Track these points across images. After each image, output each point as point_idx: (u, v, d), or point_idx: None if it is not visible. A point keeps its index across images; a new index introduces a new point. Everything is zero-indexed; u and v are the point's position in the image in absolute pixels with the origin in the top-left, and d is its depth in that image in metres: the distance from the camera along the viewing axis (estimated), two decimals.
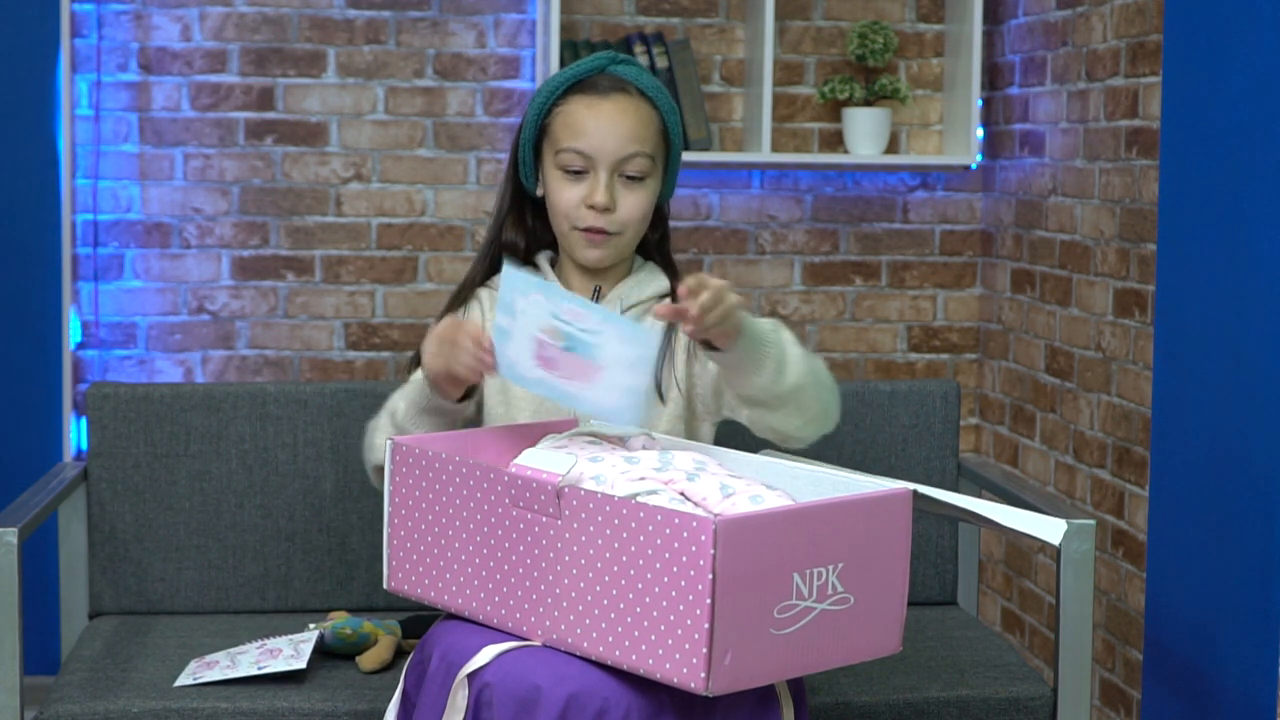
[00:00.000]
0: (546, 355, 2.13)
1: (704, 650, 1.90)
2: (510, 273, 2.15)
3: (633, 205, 2.42)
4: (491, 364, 2.20)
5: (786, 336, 2.27)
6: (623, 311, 2.47)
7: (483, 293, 2.52)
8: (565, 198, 2.42)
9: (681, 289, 2.11)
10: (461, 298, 2.52)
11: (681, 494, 2.13)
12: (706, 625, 1.90)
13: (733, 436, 2.89)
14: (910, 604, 3.06)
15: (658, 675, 1.95)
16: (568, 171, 2.42)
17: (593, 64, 2.45)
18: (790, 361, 2.25)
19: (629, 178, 2.42)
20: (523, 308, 2.12)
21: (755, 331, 2.20)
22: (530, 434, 2.34)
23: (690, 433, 2.49)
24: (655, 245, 2.54)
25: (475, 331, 2.21)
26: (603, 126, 2.40)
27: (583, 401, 2.14)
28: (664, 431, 2.46)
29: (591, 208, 2.40)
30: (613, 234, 2.43)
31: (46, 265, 3.83)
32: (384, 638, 2.71)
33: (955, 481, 3.06)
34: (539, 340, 2.12)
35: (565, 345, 2.11)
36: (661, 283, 2.52)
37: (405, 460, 2.21)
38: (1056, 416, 3.76)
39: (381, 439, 2.39)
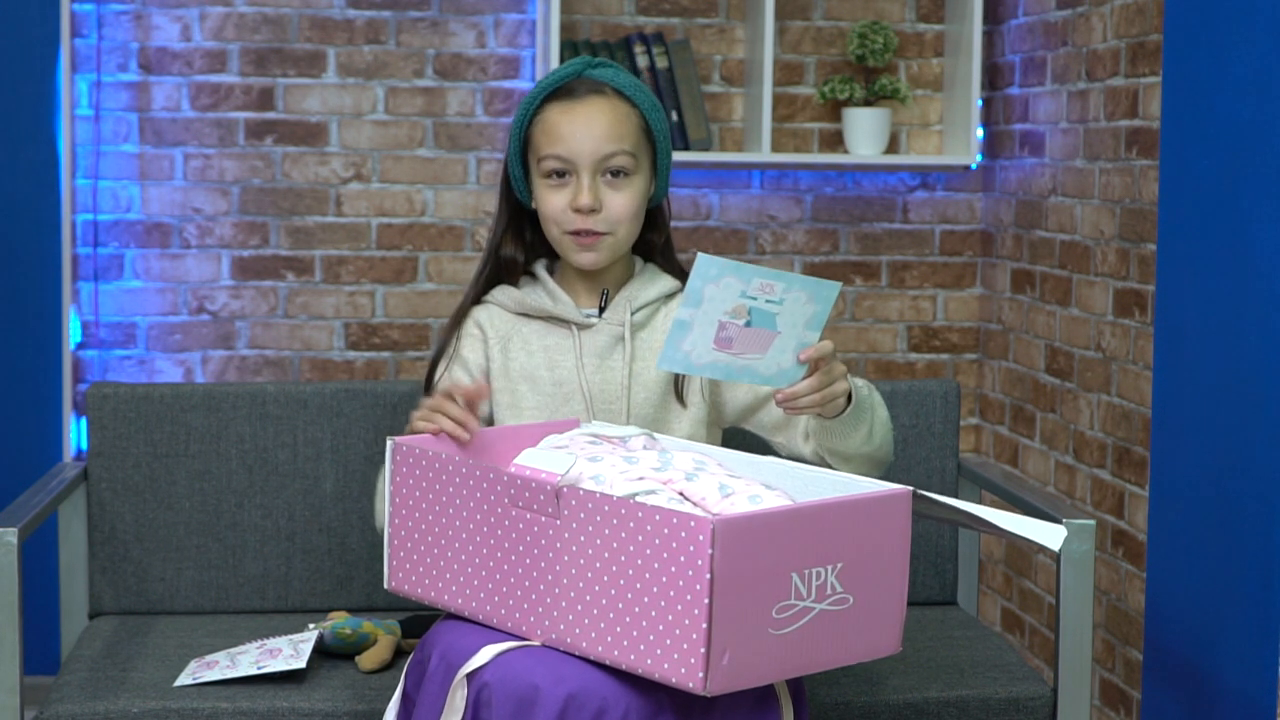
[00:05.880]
0: (725, 336, 2.16)
1: (702, 650, 1.90)
2: (704, 259, 2.11)
3: (620, 204, 2.44)
4: (473, 431, 2.27)
5: (877, 399, 2.38)
6: (632, 314, 2.48)
7: (479, 312, 2.53)
8: (551, 204, 2.44)
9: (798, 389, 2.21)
10: (458, 319, 2.53)
11: (680, 494, 2.13)
12: (705, 625, 1.90)
13: (733, 437, 2.88)
14: (910, 604, 3.06)
15: (656, 675, 1.95)
16: (551, 177, 2.43)
17: (568, 70, 2.47)
18: (878, 424, 2.37)
19: (613, 175, 2.43)
20: (711, 294, 2.12)
21: (858, 399, 2.31)
22: (530, 434, 2.34)
23: (706, 436, 2.51)
24: (660, 249, 2.55)
25: (466, 393, 2.28)
26: (578, 129, 2.42)
27: (755, 372, 2.20)
28: (683, 436, 2.47)
29: (578, 210, 2.42)
30: (603, 234, 2.44)
31: (46, 265, 3.83)
32: (384, 638, 2.71)
33: (955, 482, 3.06)
34: (721, 324, 2.14)
35: (748, 321, 2.15)
36: (666, 283, 2.53)
37: (405, 460, 2.21)
38: (1056, 416, 3.76)
39: None
